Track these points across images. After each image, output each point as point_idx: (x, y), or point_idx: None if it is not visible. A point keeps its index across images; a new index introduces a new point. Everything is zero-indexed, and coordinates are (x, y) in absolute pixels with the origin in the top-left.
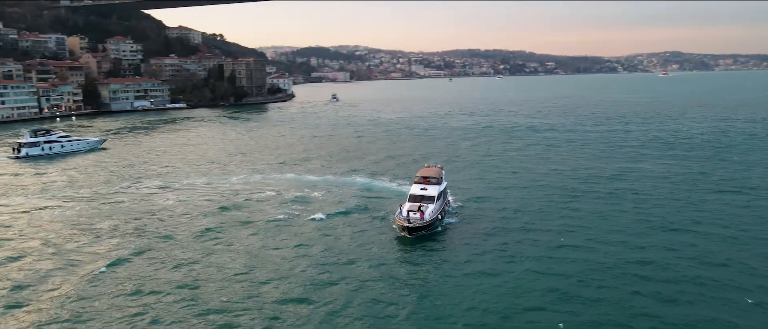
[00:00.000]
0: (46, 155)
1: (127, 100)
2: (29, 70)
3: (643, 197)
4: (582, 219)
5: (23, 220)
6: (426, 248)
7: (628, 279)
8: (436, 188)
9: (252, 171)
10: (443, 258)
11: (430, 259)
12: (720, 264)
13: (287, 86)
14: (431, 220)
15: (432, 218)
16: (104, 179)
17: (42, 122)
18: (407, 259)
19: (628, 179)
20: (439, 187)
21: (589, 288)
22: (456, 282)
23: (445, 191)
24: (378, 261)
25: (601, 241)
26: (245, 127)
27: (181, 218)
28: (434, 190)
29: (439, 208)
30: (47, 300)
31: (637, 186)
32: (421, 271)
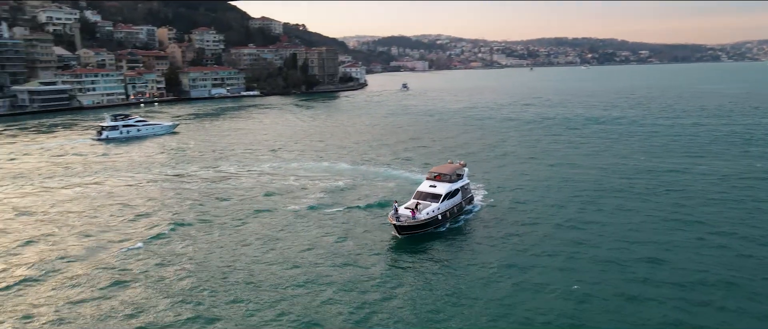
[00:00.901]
0: (123, 138)
1: (205, 87)
2: (120, 59)
3: (690, 198)
4: (610, 226)
5: (82, 196)
6: (420, 250)
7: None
8: (445, 186)
9: (294, 158)
10: (433, 262)
11: (416, 263)
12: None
13: (359, 75)
14: (425, 220)
15: (428, 218)
16: (167, 160)
17: (128, 108)
18: (389, 260)
19: (681, 178)
20: (449, 186)
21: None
22: (434, 294)
23: (463, 189)
24: (360, 260)
25: (621, 248)
26: (307, 114)
27: (208, 200)
28: (443, 188)
29: (447, 207)
30: (98, 264)
31: (688, 186)
32: (401, 275)
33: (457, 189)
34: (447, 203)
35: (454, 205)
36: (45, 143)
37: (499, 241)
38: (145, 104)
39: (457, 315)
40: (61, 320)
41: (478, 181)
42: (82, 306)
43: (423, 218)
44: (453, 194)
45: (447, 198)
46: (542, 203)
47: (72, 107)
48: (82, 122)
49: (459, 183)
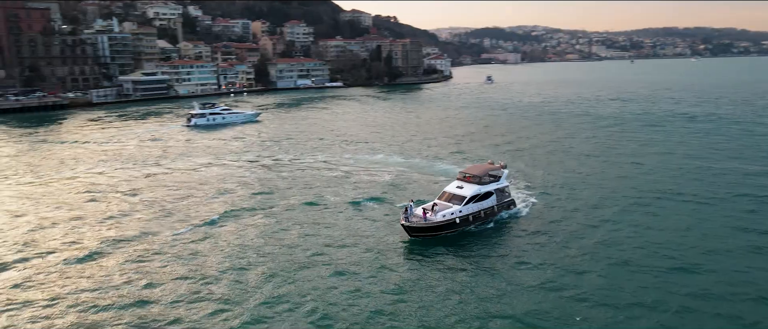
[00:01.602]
0: (210, 125)
1: (291, 78)
2: (216, 51)
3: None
4: (671, 245)
5: (156, 177)
6: (431, 254)
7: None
8: (472, 188)
9: (353, 149)
10: (440, 270)
11: (420, 268)
12: None
13: (444, 66)
14: (437, 223)
15: (442, 221)
16: (240, 147)
17: (219, 97)
18: (392, 263)
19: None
20: (478, 188)
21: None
22: (421, 301)
23: (499, 192)
24: (363, 260)
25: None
26: (382, 105)
27: (260, 186)
28: (469, 190)
29: (472, 211)
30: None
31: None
32: (400, 278)
33: (489, 192)
34: (472, 207)
35: (482, 209)
36: (142, 128)
37: (526, 251)
38: (234, 94)
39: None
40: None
41: (531, 182)
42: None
43: (436, 221)
44: (483, 197)
45: (473, 201)
46: (598, 211)
47: (169, 95)
48: (176, 110)
49: (492, 186)
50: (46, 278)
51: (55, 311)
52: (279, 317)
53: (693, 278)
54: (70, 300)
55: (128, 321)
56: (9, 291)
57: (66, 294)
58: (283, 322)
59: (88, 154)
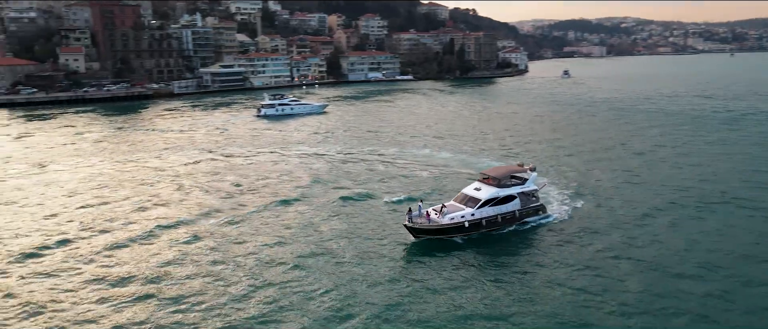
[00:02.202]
0: (278, 116)
1: (362, 71)
2: (291, 44)
3: None
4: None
5: (207, 165)
6: (437, 257)
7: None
8: (489, 191)
9: (403, 142)
10: (439, 277)
11: (421, 272)
12: None
13: (519, 60)
14: (441, 225)
15: (449, 223)
16: (302, 138)
17: (291, 89)
18: (392, 266)
19: None
20: (496, 191)
21: None
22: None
23: (524, 195)
24: (366, 260)
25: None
26: (448, 99)
27: (294, 178)
28: (485, 193)
29: (487, 215)
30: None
31: None
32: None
33: (510, 196)
34: (488, 210)
35: (500, 213)
36: (215, 117)
37: (543, 265)
38: (306, 86)
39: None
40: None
41: (582, 184)
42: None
43: (440, 223)
44: (502, 201)
45: (489, 205)
46: (646, 221)
47: (245, 87)
48: (249, 100)
49: (515, 189)
50: (117, 252)
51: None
52: (265, 306)
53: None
54: (149, 270)
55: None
56: (74, 261)
57: (148, 265)
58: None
59: (161, 140)
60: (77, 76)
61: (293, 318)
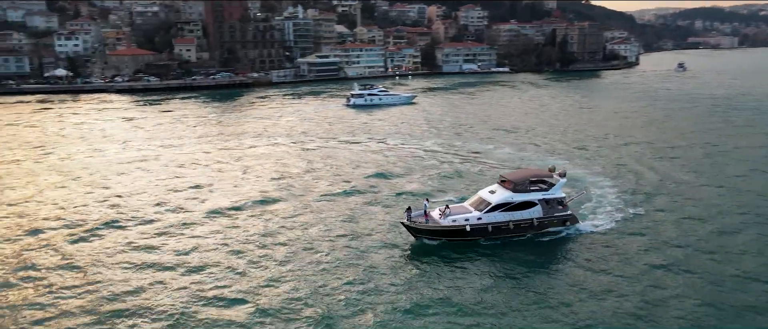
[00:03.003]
0: (366, 105)
1: (456, 62)
2: (388, 36)
3: None
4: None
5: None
6: (433, 259)
7: None
8: (503, 195)
9: (470, 138)
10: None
11: (413, 274)
12: None
13: (629, 52)
14: (437, 227)
15: (447, 226)
16: (384, 128)
17: (384, 79)
18: (393, 266)
19: None
20: (510, 195)
21: None
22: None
23: (547, 203)
24: (363, 260)
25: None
26: (541, 93)
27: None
28: (497, 197)
29: (497, 220)
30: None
31: None
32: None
33: (529, 202)
34: (498, 216)
35: (512, 220)
36: (306, 105)
37: (552, 286)
38: (399, 77)
39: None
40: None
41: (651, 191)
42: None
43: (438, 225)
44: (517, 207)
45: (499, 209)
46: (709, 245)
47: (339, 77)
48: (341, 90)
49: (535, 195)
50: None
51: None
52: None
53: None
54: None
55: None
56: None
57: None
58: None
59: (252, 126)
60: (189, 65)
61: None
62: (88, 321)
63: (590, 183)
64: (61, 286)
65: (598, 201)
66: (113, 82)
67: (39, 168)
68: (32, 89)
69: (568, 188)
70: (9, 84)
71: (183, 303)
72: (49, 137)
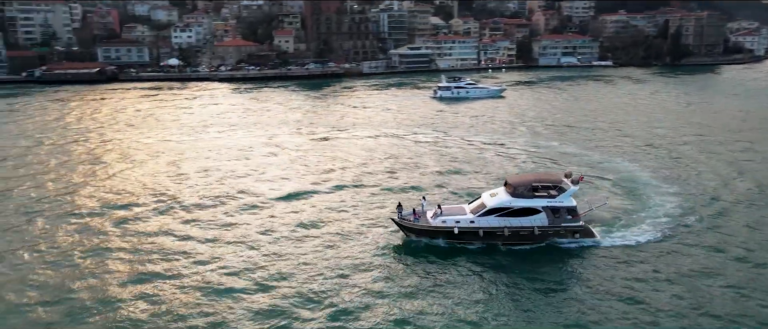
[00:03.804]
0: (453, 98)
1: (554, 55)
2: (483, 27)
3: None
4: None
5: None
6: (422, 261)
7: None
8: (502, 199)
9: (538, 138)
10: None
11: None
12: None
13: (756, 45)
14: (428, 227)
15: (434, 226)
16: (464, 122)
17: (477, 72)
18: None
19: None
20: (509, 199)
21: None
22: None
23: (553, 211)
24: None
25: None
26: (644, 89)
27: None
28: (495, 201)
29: (492, 225)
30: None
31: None
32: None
33: (531, 208)
34: (491, 220)
35: (507, 226)
36: (393, 96)
37: (535, 302)
38: (492, 70)
39: None
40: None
41: (705, 207)
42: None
43: (425, 225)
44: (517, 213)
45: (495, 214)
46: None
47: (430, 69)
48: (430, 82)
49: (539, 201)
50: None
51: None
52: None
53: None
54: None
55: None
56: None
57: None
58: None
59: (335, 113)
60: (286, 55)
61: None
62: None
63: (652, 189)
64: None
65: (652, 211)
66: (218, 71)
67: (130, 148)
68: (148, 76)
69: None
70: (130, 72)
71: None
72: (146, 119)
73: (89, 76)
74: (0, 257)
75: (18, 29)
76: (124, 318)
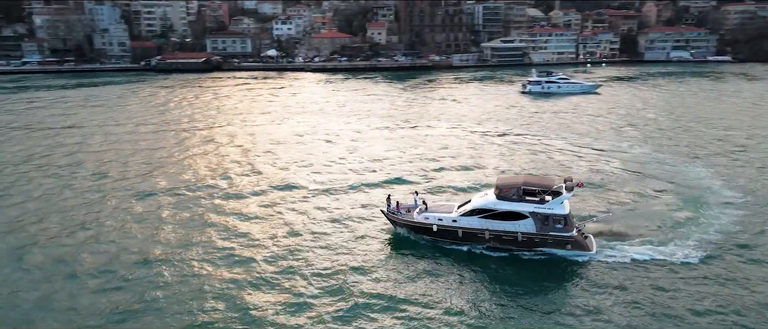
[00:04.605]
0: (543, 93)
1: (662, 49)
2: (586, 19)
3: None
4: None
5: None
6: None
7: None
8: (486, 201)
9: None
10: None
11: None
12: None
13: None
14: (409, 222)
15: (416, 222)
16: (547, 121)
17: (573, 67)
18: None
19: None
20: (492, 202)
21: None
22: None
23: (540, 218)
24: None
25: None
26: (756, 88)
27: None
28: (479, 202)
29: (473, 226)
30: None
31: None
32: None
33: (516, 212)
34: (474, 221)
35: (488, 228)
36: (480, 90)
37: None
38: (591, 64)
39: None
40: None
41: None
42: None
43: (407, 219)
44: (501, 216)
45: (478, 215)
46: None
47: (523, 63)
48: (521, 76)
49: (525, 206)
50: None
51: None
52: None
53: None
54: None
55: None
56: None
57: None
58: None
59: (415, 108)
60: (378, 47)
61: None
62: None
63: (712, 201)
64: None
65: (700, 226)
66: (312, 62)
67: (213, 132)
68: (248, 66)
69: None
70: (233, 62)
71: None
72: (237, 106)
73: (196, 66)
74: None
75: (141, 22)
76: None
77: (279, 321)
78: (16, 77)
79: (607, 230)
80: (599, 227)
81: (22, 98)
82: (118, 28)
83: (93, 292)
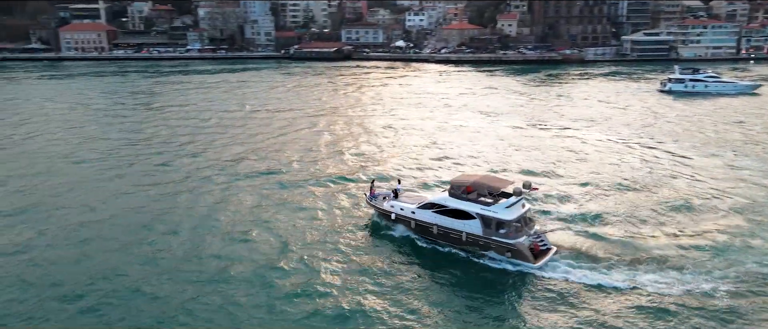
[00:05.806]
0: (687, 92)
1: None
2: (757, 9)
3: None
4: None
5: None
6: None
7: None
8: (441, 196)
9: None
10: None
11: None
12: None
13: None
14: (376, 207)
15: (380, 208)
16: (681, 124)
17: (734, 63)
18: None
19: None
20: (443, 198)
21: None
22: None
23: (482, 220)
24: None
25: None
26: None
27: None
28: (435, 196)
29: (423, 220)
30: None
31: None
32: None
33: (464, 212)
34: (427, 215)
35: (436, 224)
36: (610, 87)
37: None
38: (754, 61)
39: None
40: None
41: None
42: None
43: (377, 205)
44: (451, 213)
45: (432, 209)
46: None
47: (669, 57)
48: (662, 73)
49: (472, 207)
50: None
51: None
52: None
53: None
54: None
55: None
56: None
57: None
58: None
59: (530, 105)
60: (507, 39)
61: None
62: None
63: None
64: None
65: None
66: (438, 53)
67: (319, 115)
68: (377, 56)
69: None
70: (364, 51)
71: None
72: (353, 92)
73: (328, 55)
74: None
75: (287, 13)
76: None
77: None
78: (181, 63)
79: (586, 249)
80: (587, 243)
81: (191, 80)
82: (266, 19)
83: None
